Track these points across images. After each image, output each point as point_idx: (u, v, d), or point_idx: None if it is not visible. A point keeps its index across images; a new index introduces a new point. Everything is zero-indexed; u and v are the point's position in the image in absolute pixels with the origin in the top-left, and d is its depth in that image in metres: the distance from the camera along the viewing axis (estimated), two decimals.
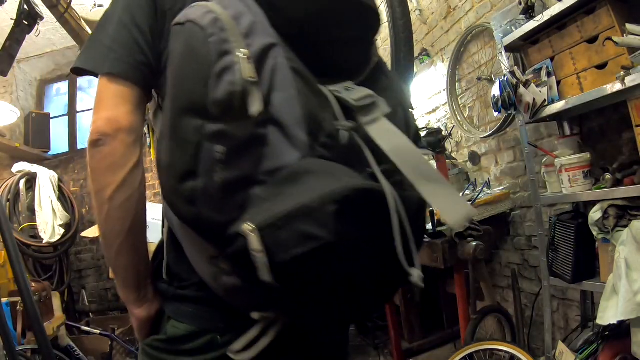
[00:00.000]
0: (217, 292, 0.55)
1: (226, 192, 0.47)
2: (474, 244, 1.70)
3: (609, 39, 1.30)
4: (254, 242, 0.44)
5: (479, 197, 2.03)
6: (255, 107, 0.47)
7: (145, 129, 0.84)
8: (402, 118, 0.62)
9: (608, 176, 1.38)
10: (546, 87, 1.56)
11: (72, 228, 3.35)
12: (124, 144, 0.57)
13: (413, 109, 0.68)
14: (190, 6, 0.52)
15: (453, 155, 2.66)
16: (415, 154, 0.53)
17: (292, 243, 0.45)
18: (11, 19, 2.01)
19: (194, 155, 0.47)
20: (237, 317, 0.56)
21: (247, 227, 0.44)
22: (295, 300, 0.51)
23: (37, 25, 2.05)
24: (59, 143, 4.03)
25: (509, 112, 1.77)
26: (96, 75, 0.60)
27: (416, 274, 0.54)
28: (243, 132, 0.47)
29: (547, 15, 1.47)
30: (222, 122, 0.46)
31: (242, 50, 0.47)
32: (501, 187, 2.22)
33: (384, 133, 0.53)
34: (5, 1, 1.98)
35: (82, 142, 4.05)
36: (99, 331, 2.68)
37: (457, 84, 2.57)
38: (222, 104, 0.46)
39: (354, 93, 0.55)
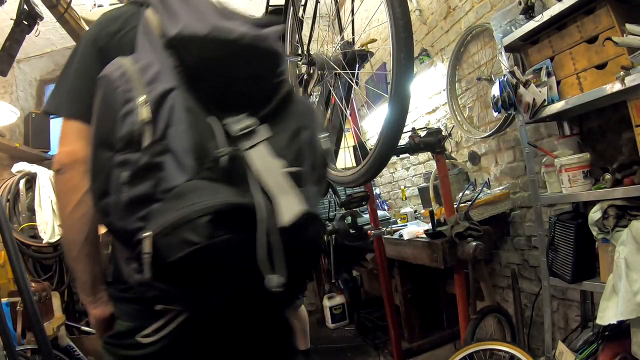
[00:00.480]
0: (133, 287, 0.67)
1: (130, 207, 0.59)
2: (474, 244, 1.70)
3: (609, 39, 1.30)
4: (146, 246, 0.56)
5: (478, 197, 2.03)
6: (146, 142, 0.60)
7: None
8: (307, 139, 0.74)
9: (608, 176, 1.38)
10: (546, 87, 1.56)
11: None
12: (80, 172, 0.71)
13: (325, 133, 0.81)
14: (110, 62, 0.66)
15: (453, 155, 2.66)
16: (278, 173, 0.65)
17: (176, 247, 0.56)
18: (11, 19, 2.01)
19: (106, 179, 0.61)
20: (165, 315, 0.70)
21: (145, 234, 0.57)
22: (189, 295, 0.64)
23: (37, 25, 2.04)
24: None
25: (509, 112, 1.77)
26: (60, 116, 0.75)
27: (273, 280, 0.61)
28: (142, 161, 0.60)
29: (546, 15, 1.47)
30: (126, 153, 0.60)
31: (141, 97, 0.61)
32: (501, 187, 2.23)
33: (257, 156, 0.65)
34: (5, 1, 1.98)
35: None
36: None
37: (456, 84, 2.57)
38: (125, 140, 0.60)
39: (239, 124, 0.67)
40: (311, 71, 1.09)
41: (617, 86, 1.23)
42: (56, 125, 4.03)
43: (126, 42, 0.73)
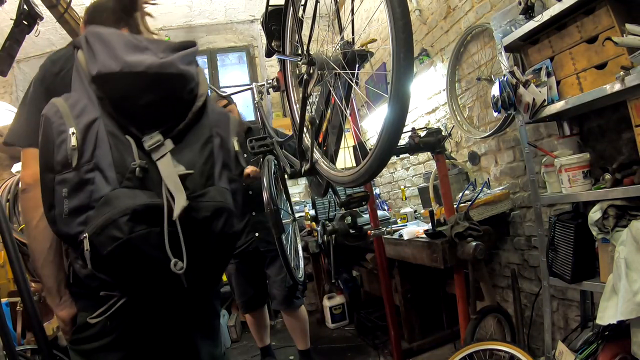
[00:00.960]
0: (84, 280, 0.86)
1: (71, 216, 0.77)
2: (474, 244, 1.70)
3: (609, 39, 1.30)
4: (86, 244, 0.74)
5: (478, 197, 2.03)
6: (74, 163, 0.77)
7: None
8: (218, 144, 0.93)
9: (608, 176, 1.38)
10: (546, 87, 1.56)
11: None
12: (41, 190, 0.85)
13: (237, 136, 0.99)
14: (48, 103, 0.82)
15: (453, 155, 2.66)
16: (175, 177, 0.82)
17: (106, 242, 0.74)
18: (11, 19, 2.01)
19: (51, 195, 0.78)
20: (109, 300, 0.86)
21: (84, 235, 0.75)
22: (123, 281, 0.82)
23: (36, 25, 2.04)
24: None
25: (509, 112, 1.77)
26: (20, 147, 0.92)
27: (172, 262, 0.78)
28: (76, 178, 0.77)
29: (546, 15, 1.47)
30: (63, 174, 0.77)
31: (71, 128, 0.78)
32: (501, 187, 2.23)
33: (163, 165, 0.83)
34: (5, 1, 1.98)
35: None
36: None
37: (456, 84, 2.57)
38: (61, 163, 0.77)
39: (150, 140, 0.84)
40: (311, 71, 1.08)
41: (617, 86, 1.23)
42: None
43: (66, 82, 0.89)
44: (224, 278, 2.61)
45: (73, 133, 0.77)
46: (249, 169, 2.13)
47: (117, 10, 1.01)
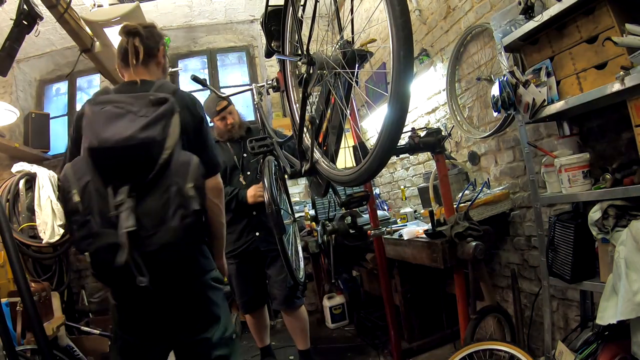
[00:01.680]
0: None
1: (81, 241, 1.15)
2: (474, 244, 1.70)
3: (609, 39, 1.30)
4: (87, 258, 1.16)
5: (478, 197, 2.03)
6: (80, 211, 1.14)
7: None
8: (175, 191, 1.17)
9: (607, 176, 1.38)
10: (545, 87, 1.56)
11: None
12: None
13: (194, 182, 1.20)
14: (64, 169, 1.21)
15: (453, 155, 2.66)
16: (126, 228, 1.13)
17: (97, 260, 1.17)
18: (11, 19, 2.01)
19: (70, 227, 1.17)
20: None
21: (86, 253, 1.15)
22: (117, 282, 1.26)
23: (36, 25, 2.05)
24: (58, 143, 4.01)
25: (509, 112, 1.77)
26: None
27: (139, 280, 1.12)
28: (81, 219, 1.14)
29: (546, 15, 1.47)
30: (73, 216, 1.14)
31: (74, 189, 1.15)
32: (501, 187, 2.23)
33: (122, 220, 1.13)
34: (5, 1, 1.98)
35: None
36: (98, 331, 2.67)
37: (456, 84, 2.57)
38: (70, 211, 1.15)
39: (119, 196, 1.15)
40: (311, 71, 1.08)
41: (617, 86, 1.23)
42: (55, 126, 4.04)
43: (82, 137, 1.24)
44: (224, 279, 2.62)
45: (75, 192, 1.15)
46: (257, 193, 2.25)
47: (126, 52, 1.37)
